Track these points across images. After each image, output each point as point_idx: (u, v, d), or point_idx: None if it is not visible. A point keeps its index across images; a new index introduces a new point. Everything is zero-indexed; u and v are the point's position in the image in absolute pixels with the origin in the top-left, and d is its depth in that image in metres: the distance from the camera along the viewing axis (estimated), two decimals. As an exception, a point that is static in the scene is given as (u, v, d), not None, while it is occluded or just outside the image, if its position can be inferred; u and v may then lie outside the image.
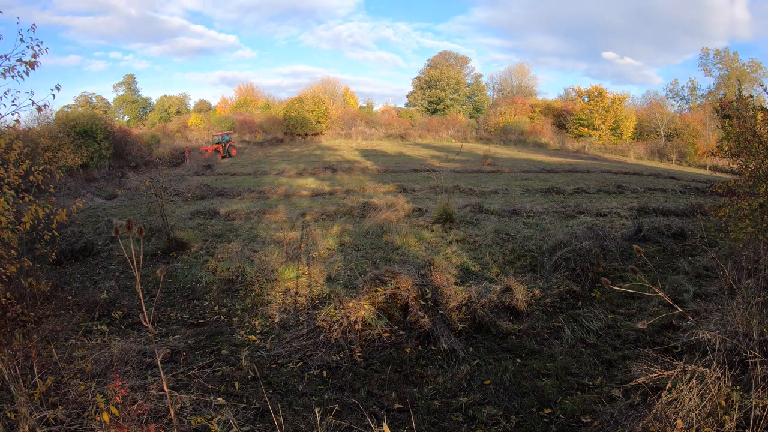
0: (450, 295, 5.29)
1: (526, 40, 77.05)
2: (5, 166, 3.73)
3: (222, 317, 5.45)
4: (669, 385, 3.46)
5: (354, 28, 73.03)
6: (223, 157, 26.34)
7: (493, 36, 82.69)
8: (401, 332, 4.66)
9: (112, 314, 5.39)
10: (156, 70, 70.72)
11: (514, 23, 75.31)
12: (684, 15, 64.50)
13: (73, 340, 4.56)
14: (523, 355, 4.45)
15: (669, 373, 3.74)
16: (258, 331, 5.04)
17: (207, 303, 5.87)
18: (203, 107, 53.41)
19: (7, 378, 3.09)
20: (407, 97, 57.08)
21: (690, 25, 65.40)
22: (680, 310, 4.41)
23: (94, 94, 48.63)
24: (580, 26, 71.19)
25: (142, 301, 2.37)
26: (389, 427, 3.34)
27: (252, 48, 76.03)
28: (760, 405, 2.72)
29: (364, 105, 56.14)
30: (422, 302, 4.77)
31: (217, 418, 3.37)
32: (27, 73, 3.71)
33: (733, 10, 62.61)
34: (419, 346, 4.53)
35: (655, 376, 3.78)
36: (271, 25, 74.65)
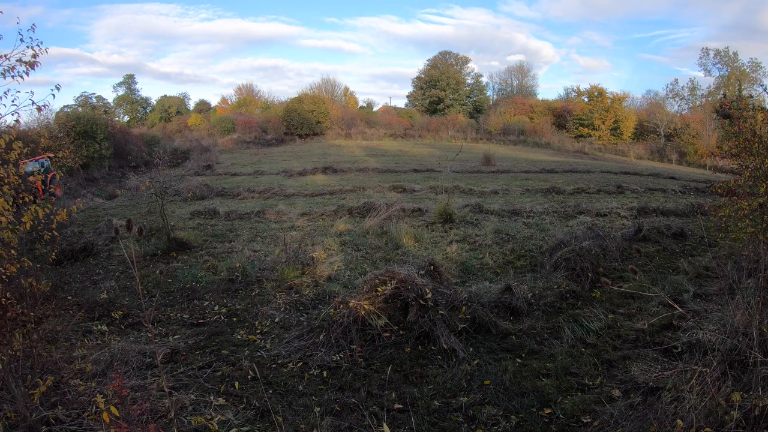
0: (450, 295, 5.29)
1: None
2: (5, 166, 3.73)
3: (222, 317, 5.45)
4: (669, 385, 3.46)
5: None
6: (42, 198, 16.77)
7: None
8: (401, 332, 4.66)
9: (112, 314, 5.38)
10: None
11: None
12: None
13: (73, 340, 4.56)
14: (523, 355, 4.45)
15: (669, 373, 3.75)
16: (258, 331, 5.04)
17: (207, 303, 5.87)
18: (203, 107, 53.41)
19: (7, 378, 3.09)
20: (407, 96, 57.13)
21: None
22: (680, 310, 4.42)
23: (94, 94, 48.64)
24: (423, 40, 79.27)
25: (142, 301, 2.37)
26: (389, 427, 3.35)
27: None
28: (760, 405, 2.72)
29: (364, 105, 56.18)
30: (422, 302, 4.77)
31: (217, 418, 3.37)
32: (27, 73, 3.71)
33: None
34: (419, 346, 4.53)
35: (655, 376, 3.78)
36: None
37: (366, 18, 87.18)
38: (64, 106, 31.98)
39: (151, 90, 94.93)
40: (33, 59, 3.68)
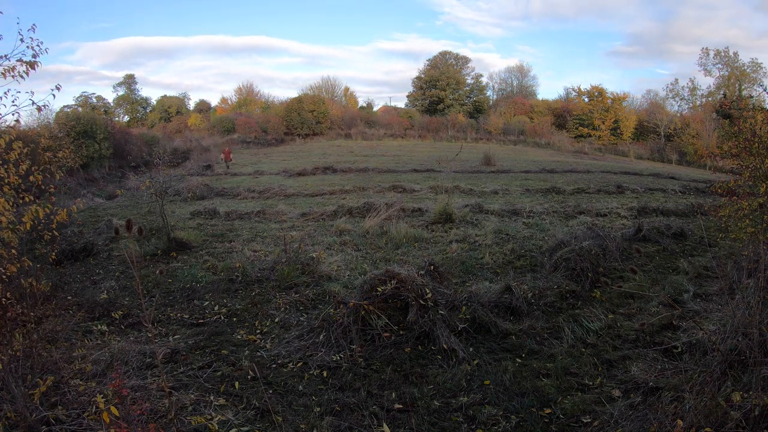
0: (450, 295, 5.29)
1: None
2: (5, 166, 3.74)
3: (222, 317, 5.45)
4: (669, 385, 3.46)
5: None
6: None
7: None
8: (401, 332, 4.66)
9: (112, 314, 5.38)
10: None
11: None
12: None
13: (73, 340, 4.56)
14: (523, 355, 4.45)
15: (669, 373, 3.75)
16: (258, 331, 5.04)
17: (207, 303, 5.87)
18: (203, 107, 53.43)
19: (7, 378, 3.09)
20: (407, 97, 57.11)
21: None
22: (680, 310, 4.42)
23: (94, 94, 48.52)
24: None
25: (142, 301, 2.37)
26: (389, 427, 3.35)
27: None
28: (760, 405, 2.72)
29: (364, 105, 56.16)
30: (422, 302, 4.77)
31: (217, 418, 3.37)
32: (27, 73, 3.71)
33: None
34: (419, 346, 4.53)
35: (655, 376, 3.78)
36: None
37: (329, 44, 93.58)
38: (64, 106, 31.94)
39: (151, 92, 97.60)
40: (33, 59, 3.69)
